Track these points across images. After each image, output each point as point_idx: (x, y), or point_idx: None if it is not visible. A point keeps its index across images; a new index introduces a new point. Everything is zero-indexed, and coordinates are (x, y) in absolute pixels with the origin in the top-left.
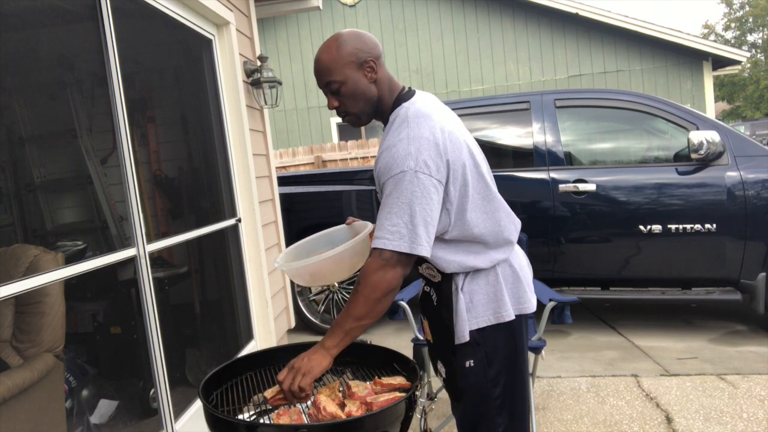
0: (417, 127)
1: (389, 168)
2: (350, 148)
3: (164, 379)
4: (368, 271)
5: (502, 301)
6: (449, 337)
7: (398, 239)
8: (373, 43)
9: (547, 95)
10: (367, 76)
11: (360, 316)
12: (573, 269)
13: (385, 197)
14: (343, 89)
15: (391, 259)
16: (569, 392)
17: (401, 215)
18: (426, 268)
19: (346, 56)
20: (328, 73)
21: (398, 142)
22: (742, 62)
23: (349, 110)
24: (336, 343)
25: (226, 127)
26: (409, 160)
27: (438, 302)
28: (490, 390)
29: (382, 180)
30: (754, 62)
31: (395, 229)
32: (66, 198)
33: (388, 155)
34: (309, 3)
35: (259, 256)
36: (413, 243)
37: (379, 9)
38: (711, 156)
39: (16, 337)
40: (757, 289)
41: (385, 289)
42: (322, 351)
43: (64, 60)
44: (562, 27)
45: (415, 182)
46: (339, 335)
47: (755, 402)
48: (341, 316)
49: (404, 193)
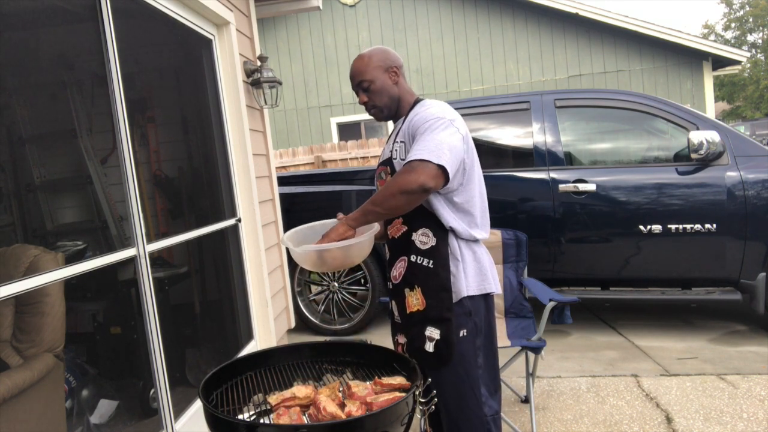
0: (441, 106)
1: (424, 119)
2: (350, 148)
3: (164, 379)
4: (397, 174)
5: (486, 275)
6: (447, 295)
7: (425, 152)
8: (396, 56)
9: (547, 95)
10: (391, 79)
11: (377, 201)
12: (573, 269)
13: (418, 136)
14: (372, 87)
15: (417, 165)
16: (569, 392)
17: (431, 141)
18: (421, 234)
19: (375, 62)
20: (360, 74)
21: (429, 108)
22: (742, 62)
23: (376, 104)
24: (355, 218)
25: (226, 127)
26: (444, 115)
27: (435, 265)
28: (475, 359)
29: (414, 131)
30: (754, 62)
31: (424, 148)
32: (66, 198)
33: (421, 115)
34: (309, 3)
35: (259, 256)
36: (438, 156)
37: (379, 9)
38: (711, 156)
39: (16, 337)
40: (757, 289)
41: (404, 187)
42: (342, 224)
43: (64, 60)
44: (562, 27)
45: (447, 127)
46: (359, 213)
47: (755, 402)
48: (366, 201)
49: (436, 130)
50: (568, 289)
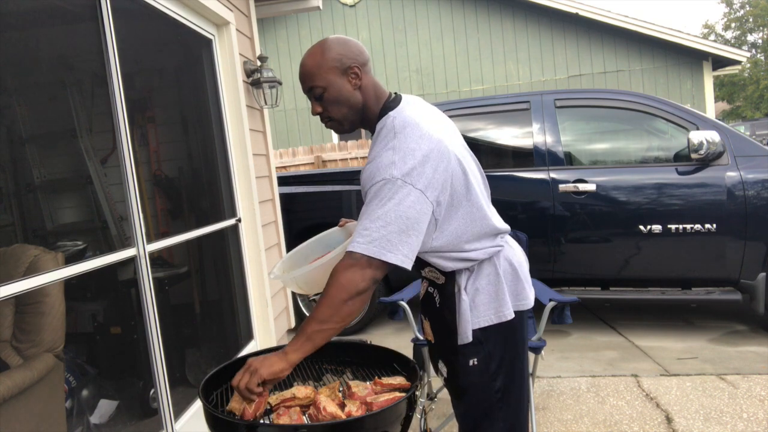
0: (403, 137)
1: (371, 177)
2: (350, 148)
3: (164, 379)
4: (337, 270)
5: (503, 300)
6: (452, 338)
7: (368, 243)
8: (359, 49)
9: (547, 95)
10: (351, 83)
11: (324, 318)
12: (573, 269)
13: (365, 206)
14: (326, 95)
15: (360, 260)
16: (569, 392)
17: (375, 220)
18: (429, 272)
19: (330, 61)
20: (311, 78)
21: (384, 152)
22: (742, 62)
23: (332, 116)
24: (296, 348)
25: (226, 127)
26: (392, 169)
27: (441, 303)
28: (490, 385)
29: (364, 190)
30: (754, 62)
31: (367, 233)
32: (66, 198)
33: (372, 166)
34: (309, 3)
35: (259, 256)
36: (383, 249)
37: (379, 9)
38: (711, 156)
39: (16, 337)
40: (757, 289)
41: (352, 290)
42: (279, 354)
43: (64, 60)
44: (562, 27)
45: (395, 191)
46: (301, 339)
47: (755, 402)
48: (306, 320)
49: (383, 200)
50: (568, 289)
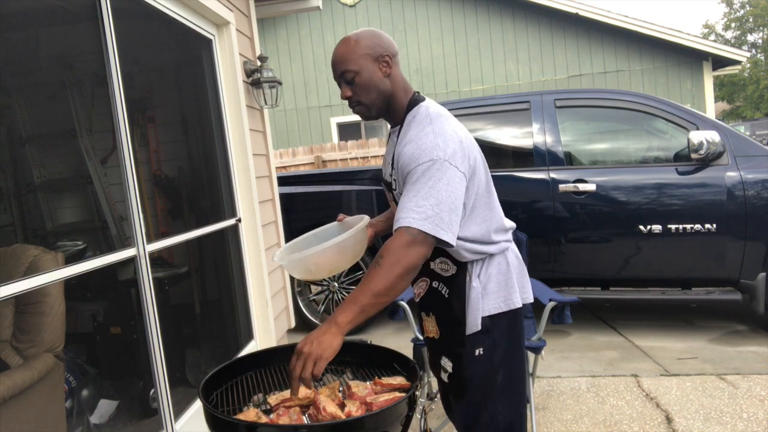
0: (440, 123)
1: (416, 157)
2: (350, 148)
3: (164, 379)
4: (393, 245)
5: (513, 288)
6: (460, 329)
7: (423, 219)
8: (390, 42)
9: (547, 95)
10: (381, 70)
11: (380, 291)
12: (573, 269)
13: (411, 184)
14: (357, 79)
15: (418, 237)
16: (569, 392)
17: (428, 198)
18: (439, 263)
19: (363, 48)
20: (344, 63)
21: (424, 136)
22: (742, 62)
23: (362, 100)
24: (350, 320)
25: (226, 127)
26: (437, 151)
27: (450, 294)
28: (494, 376)
29: (407, 170)
30: (754, 62)
31: (421, 210)
32: (66, 198)
33: (413, 147)
34: (309, 3)
35: (259, 256)
36: (437, 226)
37: (379, 9)
38: (711, 156)
39: (16, 337)
40: (757, 289)
41: (409, 264)
42: (333, 329)
43: (64, 60)
44: (562, 27)
45: (443, 171)
46: (354, 311)
47: (755, 402)
48: (358, 290)
49: (432, 179)
50: (568, 289)
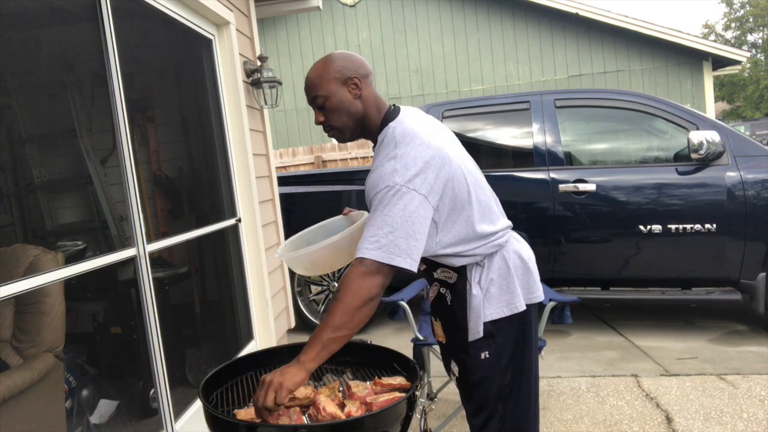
0: (404, 146)
1: (375, 185)
2: (350, 148)
3: (164, 379)
4: (348, 278)
5: (515, 292)
6: (463, 336)
7: (377, 248)
8: (361, 62)
9: (547, 95)
10: (351, 93)
11: (338, 325)
12: (573, 269)
13: (371, 213)
14: (328, 104)
15: (371, 267)
16: (569, 392)
17: (382, 226)
18: (442, 272)
19: (332, 72)
20: (314, 88)
21: (386, 162)
22: (742, 62)
23: (333, 124)
24: (312, 357)
25: (226, 127)
26: (395, 176)
27: (452, 301)
28: (500, 379)
29: (368, 198)
30: (754, 62)
31: (374, 239)
32: (66, 198)
33: (375, 175)
34: (309, 3)
35: (259, 256)
36: (392, 254)
37: (379, 9)
38: (711, 156)
39: (16, 337)
40: (757, 289)
41: (365, 296)
42: (297, 365)
43: (64, 60)
44: (562, 27)
45: (399, 196)
46: (316, 348)
47: (755, 402)
48: (319, 328)
49: (387, 206)
50: (568, 289)
